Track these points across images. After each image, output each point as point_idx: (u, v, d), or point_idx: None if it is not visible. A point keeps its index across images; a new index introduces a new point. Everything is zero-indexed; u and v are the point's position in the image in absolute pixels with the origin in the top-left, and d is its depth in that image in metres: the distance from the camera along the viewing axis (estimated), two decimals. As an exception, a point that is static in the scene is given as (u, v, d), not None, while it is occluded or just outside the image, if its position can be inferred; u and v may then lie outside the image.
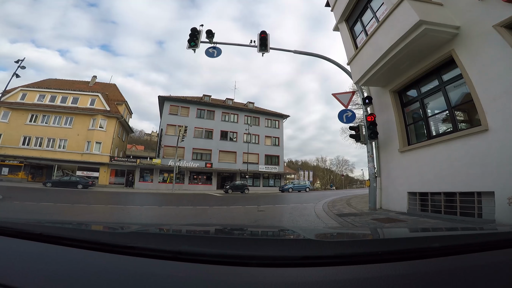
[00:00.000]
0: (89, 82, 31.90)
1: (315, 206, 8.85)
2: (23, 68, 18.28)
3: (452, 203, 5.00)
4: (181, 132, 26.00)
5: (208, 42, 8.39)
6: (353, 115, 7.95)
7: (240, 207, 9.34)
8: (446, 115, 5.55)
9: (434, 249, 0.70)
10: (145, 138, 73.47)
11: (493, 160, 4.18)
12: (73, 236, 0.81)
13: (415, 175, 5.96)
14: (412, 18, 4.78)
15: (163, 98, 31.31)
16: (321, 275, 0.56)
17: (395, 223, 4.80)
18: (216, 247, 0.75)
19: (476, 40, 4.53)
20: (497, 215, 4.00)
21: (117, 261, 0.66)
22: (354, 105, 17.03)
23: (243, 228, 1.71)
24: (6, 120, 24.54)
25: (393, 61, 5.73)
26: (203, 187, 29.45)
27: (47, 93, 26.61)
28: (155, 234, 1.12)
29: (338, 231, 1.92)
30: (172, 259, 0.64)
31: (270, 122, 36.16)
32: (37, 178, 24.43)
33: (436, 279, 0.55)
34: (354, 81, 7.50)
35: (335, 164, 65.23)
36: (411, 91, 6.51)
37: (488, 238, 0.88)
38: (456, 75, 5.07)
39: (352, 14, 7.47)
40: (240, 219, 6.38)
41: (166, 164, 27.50)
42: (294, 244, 0.89)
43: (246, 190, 24.69)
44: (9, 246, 0.76)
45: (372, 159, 7.13)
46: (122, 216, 6.61)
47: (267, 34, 8.40)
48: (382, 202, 7.15)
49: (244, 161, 31.89)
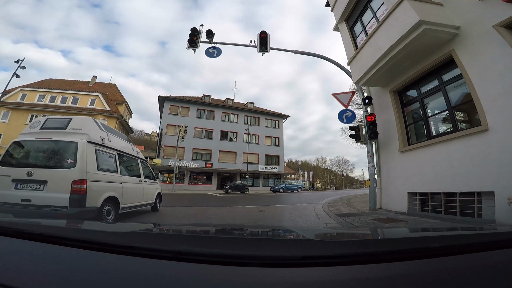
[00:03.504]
0: (89, 82, 31.90)
1: (315, 206, 8.85)
2: (23, 68, 18.29)
3: (452, 203, 5.00)
4: (181, 132, 26.01)
5: (208, 42, 8.39)
6: (353, 115, 7.95)
7: (240, 207, 9.34)
8: (446, 115, 5.55)
9: (434, 249, 0.70)
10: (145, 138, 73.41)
11: (493, 160, 4.18)
12: (73, 236, 0.81)
13: (415, 175, 5.96)
14: (412, 18, 4.78)
15: (163, 98, 31.33)
16: (321, 275, 0.56)
17: (395, 223, 4.80)
18: (216, 247, 0.75)
19: (476, 40, 4.53)
20: (497, 215, 4.00)
21: (117, 261, 0.66)
22: (354, 105, 17.04)
23: (243, 228, 1.71)
24: (6, 120, 24.53)
25: (393, 61, 5.73)
26: (203, 187, 29.46)
27: (47, 93, 26.61)
28: (155, 234, 1.12)
29: (338, 231, 1.92)
30: (172, 259, 0.64)
31: (270, 122, 36.17)
32: (37, 178, 24.41)
33: (436, 279, 0.55)
34: (354, 81, 7.50)
35: (335, 164, 65.36)
36: (411, 91, 6.51)
37: (488, 238, 0.88)
38: (456, 75, 5.07)
39: (352, 14, 7.47)
40: (240, 219, 6.38)
41: (166, 164, 27.50)
42: (294, 244, 0.89)
43: (246, 190, 24.69)
44: (9, 246, 0.76)
45: (372, 159, 7.13)
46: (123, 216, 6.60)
47: (267, 34, 8.40)
48: (382, 202, 7.15)
49: (244, 161, 31.90)
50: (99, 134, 4.84)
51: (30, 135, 4.57)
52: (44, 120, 4.85)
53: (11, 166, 4.23)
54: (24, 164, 4.20)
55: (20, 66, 18.11)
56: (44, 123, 4.77)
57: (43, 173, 4.07)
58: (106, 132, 5.18)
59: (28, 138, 4.51)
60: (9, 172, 4.14)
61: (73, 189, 3.96)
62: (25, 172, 4.05)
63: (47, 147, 4.33)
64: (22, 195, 3.96)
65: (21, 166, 4.17)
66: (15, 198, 3.95)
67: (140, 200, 6.07)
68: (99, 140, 4.75)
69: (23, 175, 4.04)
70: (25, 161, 4.29)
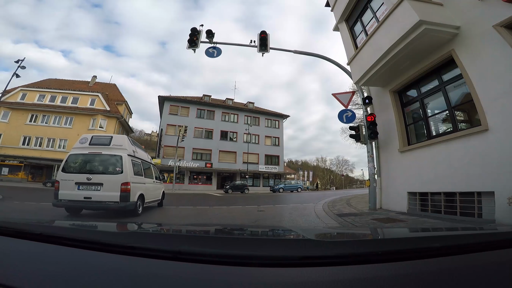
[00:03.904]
0: (89, 82, 31.91)
1: (315, 206, 8.84)
2: (23, 68, 18.31)
3: (452, 203, 5.00)
4: (181, 132, 26.01)
5: (208, 42, 8.39)
6: (353, 115, 7.95)
7: (240, 207, 9.34)
8: (446, 115, 5.55)
9: (434, 249, 0.70)
10: (145, 138, 73.44)
11: (493, 160, 4.18)
12: (73, 236, 0.81)
13: (415, 175, 5.96)
14: (412, 18, 4.78)
15: (163, 98, 31.33)
16: (321, 275, 0.56)
17: (395, 223, 4.80)
18: (216, 247, 0.75)
19: (476, 40, 4.53)
20: (497, 215, 4.00)
21: (117, 261, 0.66)
22: (354, 105, 17.04)
23: (243, 228, 1.71)
24: (6, 120, 24.55)
25: (393, 61, 5.72)
26: (203, 187, 29.46)
27: (47, 93, 26.62)
28: (155, 234, 1.12)
29: (338, 231, 1.92)
30: (172, 259, 0.64)
31: (270, 122, 36.17)
32: (37, 178, 24.45)
33: (436, 279, 0.55)
34: (354, 81, 7.50)
35: (335, 164, 65.37)
36: (411, 91, 6.50)
37: (488, 238, 0.88)
38: (456, 75, 5.07)
39: (352, 14, 7.46)
40: (240, 219, 6.38)
41: (166, 164, 27.50)
42: (294, 244, 0.89)
43: (246, 190, 24.70)
44: (9, 246, 0.76)
45: (372, 159, 7.13)
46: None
47: (267, 34, 8.40)
48: (382, 202, 7.15)
49: (244, 161, 31.90)
50: (131, 148, 6.36)
51: (82, 149, 5.95)
52: (91, 137, 6.22)
53: (72, 172, 5.60)
54: (83, 171, 5.57)
55: (20, 66, 18.13)
56: (91, 140, 6.13)
57: (99, 177, 5.47)
58: (134, 146, 6.73)
59: (82, 151, 5.88)
60: (72, 177, 5.50)
61: (122, 189, 5.42)
62: (85, 177, 5.42)
63: (99, 158, 5.76)
64: (84, 194, 5.35)
65: (81, 172, 5.54)
66: (78, 197, 5.35)
67: (154, 197, 7.48)
68: (132, 152, 6.25)
69: (84, 179, 5.42)
70: (84, 169, 5.63)
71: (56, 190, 5.43)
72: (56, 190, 5.43)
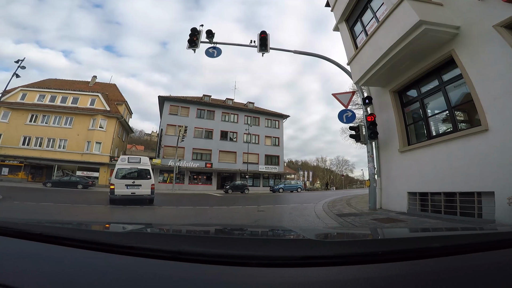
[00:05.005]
0: (89, 82, 31.89)
1: (315, 206, 8.84)
2: (23, 68, 18.28)
3: (452, 203, 5.00)
4: (181, 132, 25.98)
5: (208, 42, 8.40)
6: (353, 115, 7.95)
7: (240, 207, 9.35)
8: (446, 115, 5.55)
9: (434, 249, 0.70)
10: (145, 138, 73.50)
11: (493, 160, 4.18)
12: (73, 236, 0.81)
13: (415, 175, 5.95)
14: (412, 18, 4.78)
15: (163, 98, 31.31)
16: (321, 275, 0.56)
17: (395, 223, 4.80)
18: (216, 247, 0.75)
19: (476, 40, 4.53)
20: (497, 215, 4.00)
21: (117, 261, 0.66)
22: (354, 105, 17.03)
23: (243, 228, 1.71)
24: (6, 120, 24.53)
25: (393, 61, 5.72)
26: (203, 187, 29.45)
27: (47, 93, 26.59)
28: (155, 234, 1.12)
29: (338, 231, 1.92)
30: (172, 259, 0.64)
31: (270, 122, 36.14)
32: (37, 178, 24.42)
33: (436, 279, 0.55)
34: (354, 81, 7.50)
35: (335, 164, 65.27)
36: (411, 91, 6.51)
37: (488, 238, 0.88)
38: (456, 75, 5.07)
39: (352, 14, 7.47)
40: (240, 219, 6.38)
41: (166, 164, 27.49)
42: (294, 244, 0.89)
43: (246, 190, 24.70)
44: (9, 246, 0.76)
45: (372, 159, 7.13)
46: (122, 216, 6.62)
47: (267, 34, 8.40)
48: (382, 202, 7.15)
49: (244, 161, 31.88)
50: (150, 163, 10.54)
51: (125, 165, 9.73)
52: (127, 158, 10.27)
53: (121, 178, 9.27)
54: (128, 178, 9.36)
55: (20, 66, 18.10)
56: (128, 159, 10.10)
57: (139, 181, 9.35)
58: (149, 161, 10.83)
59: (125, 166, 9.67)
60: (123, 181, 9.19)
61: (151, 187, 9.49)
62: (131, 181, 9.25)
63: (136, 170, 9.65)
64: (131, 191, 9.12)
65: (127, 178, 9.33)
66: (127, 192, 9.07)
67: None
68: (150, 166, 10.35)
69: (130, 182, 9.22)
70: (128, 176, 9.43)
71: (112, 189, 8.90)
72: (112, 189, 8.90)
